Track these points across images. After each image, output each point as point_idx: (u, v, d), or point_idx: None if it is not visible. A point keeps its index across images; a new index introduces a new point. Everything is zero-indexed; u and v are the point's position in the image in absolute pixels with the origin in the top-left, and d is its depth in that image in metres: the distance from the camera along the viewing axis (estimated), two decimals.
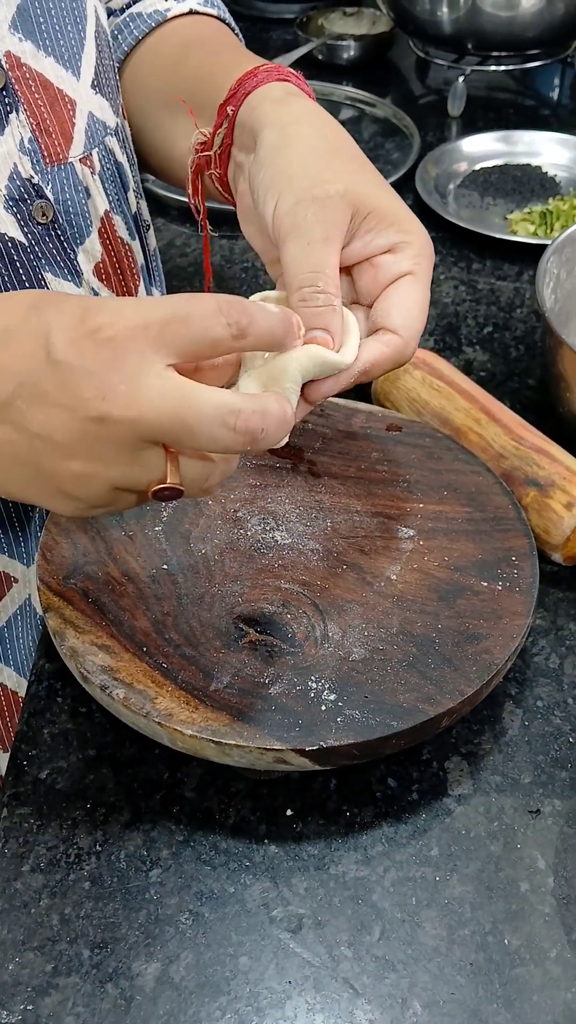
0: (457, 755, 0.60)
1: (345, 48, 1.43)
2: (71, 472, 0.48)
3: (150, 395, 0.46)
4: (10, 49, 0.61)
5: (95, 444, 0.47)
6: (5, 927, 0.52)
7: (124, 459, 0.48)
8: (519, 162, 1.19)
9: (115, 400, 0.46)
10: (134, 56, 0.77)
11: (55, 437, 0.47)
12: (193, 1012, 0.49)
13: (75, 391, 0.46)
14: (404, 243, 0.59)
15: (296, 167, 0.58)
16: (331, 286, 0.56)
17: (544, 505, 0.68)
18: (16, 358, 0.47)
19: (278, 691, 0.55)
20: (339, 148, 0.61)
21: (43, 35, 0.63)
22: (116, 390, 0.45)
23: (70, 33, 0.65)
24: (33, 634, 0.73)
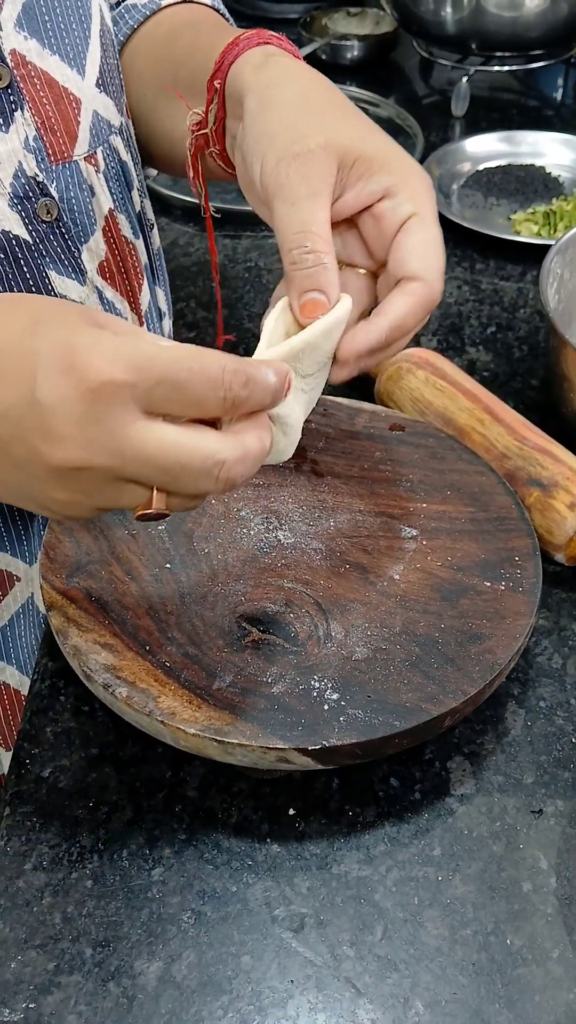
0: (460, 755, 0.60)
1: (349, 48, 1.43)
2: (55, 499, 0.48)
3: (133, 447, 0.45)
4: (15, 47, 0.61)
5: (76, 483, 0.47)
6: (7, 925, 0.52)
7: (108, 492, 0.48)
8: (523, 162, 1.19)
9: (94, 450, 0.45)
10: (129, 46, 0.77)
11: (36, 472, 0.47)
12: (195, 1011, 0.49)
13: (54, 437, 0.45)
14: (398, 184, 0.57)
15: (276, 127, 0.58)
16: (320, 243, 0.55)
17: (547, 505, 0.68)
18: (3, 388, 0.47)
19: (281, 690, 0.55)
20: (320, 100, 0.60)
21: (48, 33, 0.63)
22: (95, 441, 0.45)
23: (75, 32, 0.65)
24: (36, 632, 0.73)
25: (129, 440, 0.45)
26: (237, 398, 0.46)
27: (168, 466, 0.46)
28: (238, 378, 0.46)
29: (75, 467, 0.46)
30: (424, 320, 0.58)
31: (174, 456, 0.46)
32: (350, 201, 0.57)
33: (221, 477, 0.47)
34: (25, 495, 0.50)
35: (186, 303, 0.98)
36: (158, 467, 0.46)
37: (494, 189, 1.15)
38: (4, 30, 0.60)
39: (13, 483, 0.50)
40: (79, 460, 0.45)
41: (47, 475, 0.47)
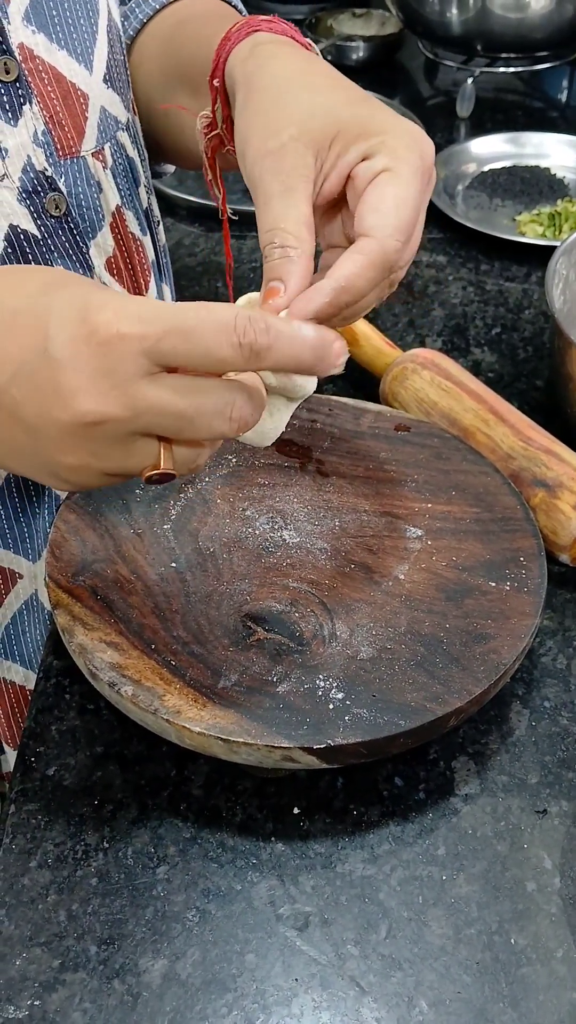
0: (464, 755, 0.60)
1: (354, 49, 1.43)
2: (64, 464, 0.48)
3: (146, 396, 0.45)
4: (23, 41, 0.61)
5: (86, 442, 0.47)
6: (12, 923, 0.52)
7: (116, 452, 0.48)
8: (527, 164, 1.20)
9: (107, 403, 0.45)
10: (138, 40, 0.77)
11: (47, 431, 0.47)
12: (199, 1009, 0.49)
13: (67, 391, 0.45)
14: (376, 145, 0.54)
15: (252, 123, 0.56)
16: (288, 238, 0.52)
17: (552, 506, 0.68)
18: (16, 346, 0.47)
19: (286, 689, 0.55)
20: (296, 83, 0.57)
21: (56, 28, 0.63)
22: (108, 394, 0.45)
23: (83, 27, 0.65)
24: (40, 629, 0.73)
25: (142, 390, 0.45)
26: (255, 344, 0.45)
27: (182, 410, 0.46)
28: (255, 324, 0.45)
29: (88, 422, 0.46)
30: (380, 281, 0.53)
31: (188, 399, 0.46)
32: (334, 180, 0.55)
33: (235, 416, 0.47)
34: (35, 463, 0.50)
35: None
36: (172, 413, 0.46)
37: (499, 190, 1.15)
38: (12, 24, 0.60)
39: (24, 449, 0.49)
40: (93, 413, 0.45)
41: (59, 435, 0.47)
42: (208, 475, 0.68)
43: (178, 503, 0.66)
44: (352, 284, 0.52)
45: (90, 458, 0.48)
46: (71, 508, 0.65)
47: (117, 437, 0.47)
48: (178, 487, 0.67)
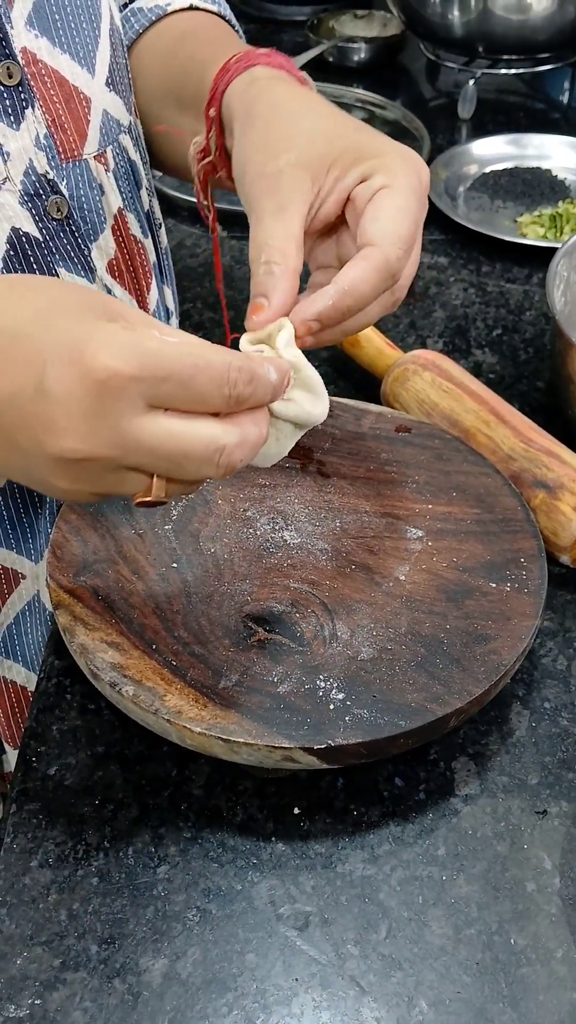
0: (464, 755, 0.60)
1: (356, 50, 1.43)
2: (56, 486, 0.49)
3: (136, 439, 0.46)
4: (26, 45, 0.61)
5: (77, 473, 0.48)
6: (13, 922, 0.53)
7: (107, 482, 0.48)
8: (529, 165, 1.20)
9: (97, 443, 0.46)
10: (134, 49, 0.78)
11: (38, 460, 0.48)
12: (200, 1008, 0.49)
13: (57, 428, 0.46)
14: (373, 167, 0.57)
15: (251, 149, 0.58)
16: (275, 254, 0.55)
17: (553, 507, 0.69)
18: (11, 374, 0.47)
19: (286, 690, 0.56)
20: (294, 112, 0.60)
21: (59, 32, 0.63)
22: (97, 435, 0.46)
23: (85, 31, 0.65)
24: (42, 630, 0.73)
25: (132, 432, 0.46)
26: (241, 395, 0.47)
27: (170, 454, 0.47)
28: (243, 376, 0.47)
29: (76, 459, 0.46)
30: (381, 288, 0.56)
31: (176, 445, 0.46)
32: (332, 204, 0.57)
33: (221, 463, 0.48)
34: (29, 478, 0.51)
35: (192, 304, 0.98)
36: (160, 456, 0.47)
37: (500, 192, 1.15)
38: (15, 28, 0.60)
39: (18, 466, 0.50)
40: (81, 452, 0.46)
41: (49, 464, 0.48)
42: None
43: (179, 504, 0.66)
44: (355, 288, 0.54)
45: (80, 484, 0.49)
46: (72, 508, 0.65)
47: (107, 470, 0.48)
48: None
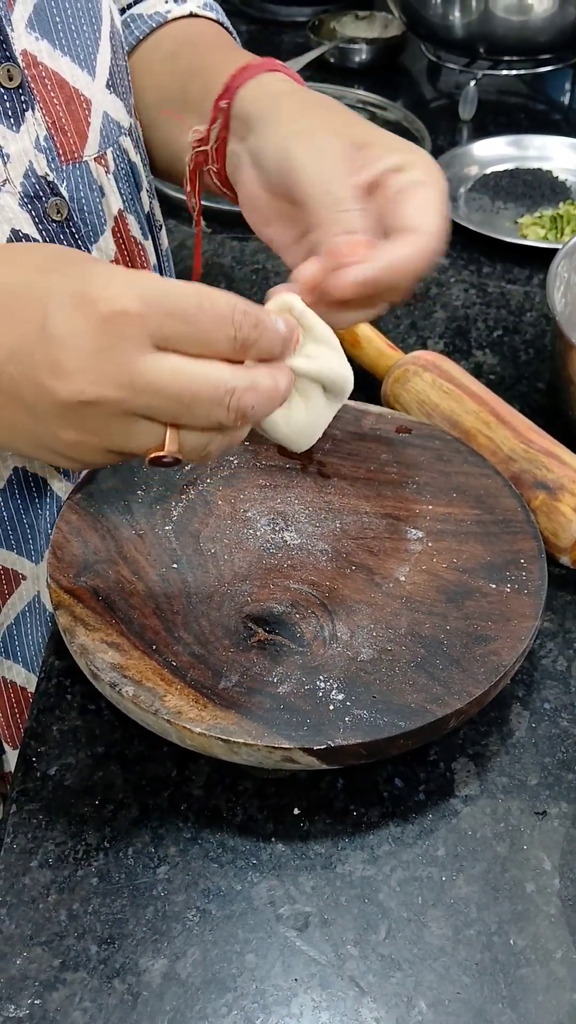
0: (464, 756, 0.60)
1: (357, 51, 1.43)
2: (65, 440, 0.48)
3: (144, 377, 0.45)
4: (27, 48, 0.61)
5: (86, 420, 0.47)
6: (13, 922, 0.53)
7: (117, 432, 0.47)
8: (530, 166, 1.20)
9: (105, 382, 0.45)
10: (133, 56, 0.78)
11: (46, 410, 0.47)
12: (199, 1008, 0.50)
13: (64, 370, 0.45)
14: (410, 162, 0.59)
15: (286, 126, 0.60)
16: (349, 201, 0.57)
17: (553, 508, 0.69)
18: (14, 325, 0.47)
19: (286, 690, 0.56)
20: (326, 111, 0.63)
21: (59, 34, 0.63)
22: (106, 373, 0.45)
23: (85, 33, 0.65)
24: (43, 631, 0.73)
25: (140, 370, 0.45)
26: (247, 339, 0.47)
27: (179, 394, 0.46)
28: (248, 319, 0.46)
29: (85, 400, 0.45)
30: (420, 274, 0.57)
31: (185, 383, 0.46)
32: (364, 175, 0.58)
33: (232, 405, 0.47)
34: (36, 441, 0.50)
35: None
36: (169, 396, 0.46)
37: (501, 193, 1.15)
38: (16, 31, 0.60)
39: (24, 428, 0.49)
40: (89, 393, 0.45)
41: (56, 413, 0.47)
42: (209, 477, 0.68)
43: (179, 504, 0.66)
44: (399, 265, 0.56)
45: (89, 435, 0.47)
46: (73, 509, 0.65)
47: (116, 416, 0.46)
48: (179, 488, 0.67)
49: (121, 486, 0.67)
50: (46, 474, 0.69)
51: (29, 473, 0.68)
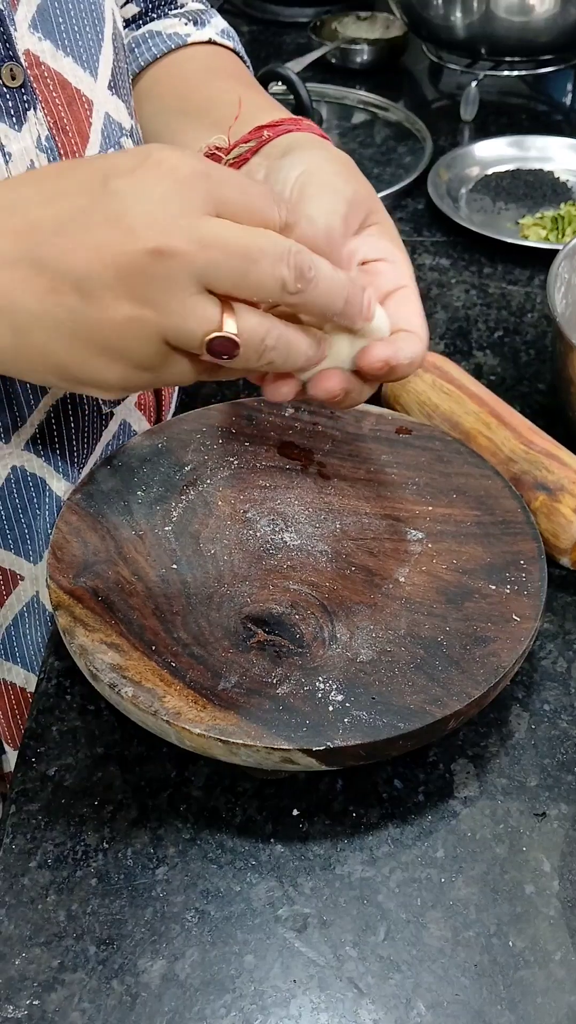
0: (464, 757, 0.60)
1: (358, 52, 1.43)
2: (118, 318, 0.46)
3: (211, 229, 0.45)
4: (29, 47, 0.61)
5: (147, 283, 0.45)
6: (12, 922, 0.53)
7: (176, 303, 0.46)
8: (531, 167, 1.20)
9: (173, 233, 0.45)
10: (150, 70, 0.79)
11: (102, 278, 0.45)
12: (198, 1009, 0.50)
13: (131, 220, 0.45)
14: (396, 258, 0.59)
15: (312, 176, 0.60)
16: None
17: (553, 509, 0.69)
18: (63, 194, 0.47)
19: (286, 691, 0.56)
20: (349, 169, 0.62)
21: (62, 35, 0.63)
22: (175, 223, 0.45)
23: (88, 34, 0.65)
24: (42, 631, 0.73)
25: (207, 222, 0.45)
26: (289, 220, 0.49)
27: (246, 248, 0.46)
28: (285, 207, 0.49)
29: (152, 249, 0.44)
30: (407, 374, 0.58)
31: (251, 239, 0.46)
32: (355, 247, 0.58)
33: (291, 263, 0.47)
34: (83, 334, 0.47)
35: None
36: (235, 251, 0.45)
37: (502, 193, 1.15)
38: (19, 31, 0.60)
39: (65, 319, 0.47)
40: (157, 241, 0.44)
41: (114, 279, 0.45)
42: (209, 477, 0.68)
43: (179, 505, 0.66)
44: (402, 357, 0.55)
45: (146, 309, 0.46)
46: (73, 509, 0.65)
47: (179, 280, 0.45)
48: (179, 489, 0.67)
49: (121, 487, 0.67)
50: (44, 474, 0.69)
51: (28, 473, 0.68)
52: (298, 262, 0.47)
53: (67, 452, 0.69)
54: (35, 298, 0.47)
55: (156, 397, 0.79)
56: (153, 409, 0.79)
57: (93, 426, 0.71)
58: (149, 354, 0.47)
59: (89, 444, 0.71)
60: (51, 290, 0.46)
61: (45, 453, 0.68)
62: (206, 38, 0.79)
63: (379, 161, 1.22)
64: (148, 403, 0.78)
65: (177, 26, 0.80)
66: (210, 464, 0.69)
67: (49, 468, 0.69)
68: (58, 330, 0.47)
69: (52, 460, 0.68)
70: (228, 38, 0.81)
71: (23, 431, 0.66)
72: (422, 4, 1.27)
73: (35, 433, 0.67)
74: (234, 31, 0.84)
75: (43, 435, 0.67)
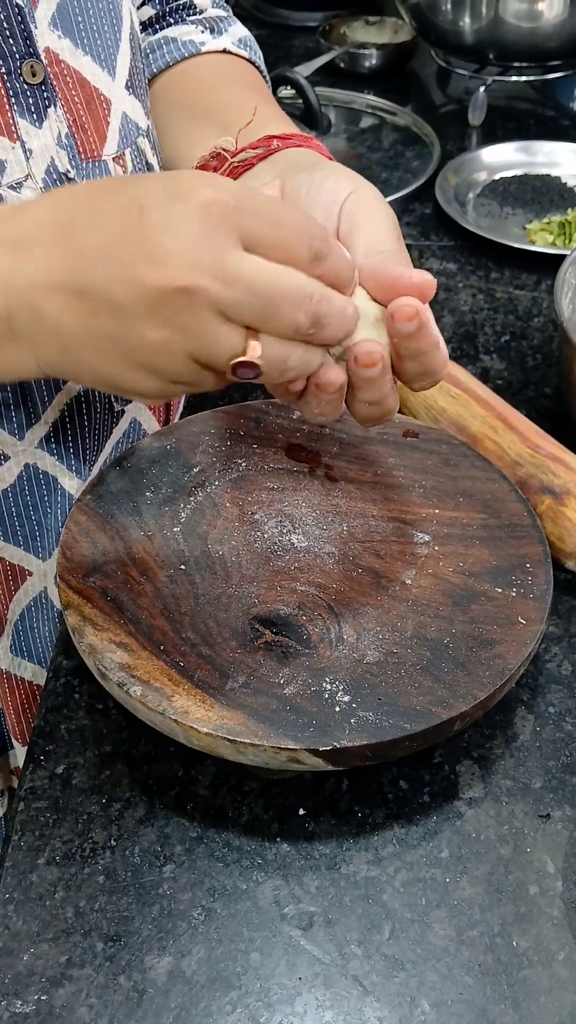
0: (469, 759, 0.60)
1: (367, 56, 1.44)
2: (153, 341, 0.49)
3: (237, 270, 0.47)
4: (49, 45, 0.62)
5: (176, 314, 0.47)
6: (21, 919, 0.53)
7: (203, 332, 0.48)
8: (538, 172, 1.20)
9: (200, 270, 0.46)
10: (164, 74, 0.79)
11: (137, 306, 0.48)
12: (204, 1006, 0.50)
13: (161, 254, 0.47)
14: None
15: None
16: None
17: (559, 513, 0.69)
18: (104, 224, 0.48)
19: (293, 691, 0.56)
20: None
21: (81, 34, 0.64)
22: (202, 260, 0.46)
23: (106, 34, 0.66)
24: (50, 627, 0.74)
25: (232, 262, 0.47)
26: (320, 252, 0.49)
27: (269, 291, 0.47)
28: (320, 231, 0.50)
29: (180, 286, 0.46)
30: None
31: (272, 280, 0.48)
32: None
33: (310, 310, 0.48)
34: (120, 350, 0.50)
35: None
36: (258, 292, 0.47)
37: (510, 199, 1.16)
38: (39, 28, 0.61)
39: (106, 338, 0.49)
40: (185, 279, 0.46)
41: (147, 307, 0.47)
42: (218, 479, 0.69)
43: (188, 506, 0.67)
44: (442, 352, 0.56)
45: (176, 335, 0.48)
46: (82, 510, 0.66)
47: (204, 311, 0.47)
48: (188, 490, 0.68)
49: (130, 488, 0.68)
50: (56, 472, 0.69)
51: (40, 471, 0.68)
52: (316, 310, 0.49)
53: (78, 449, 0.70)
54: (79, 322, 0.49)
55: None
56: (162, 408, 0.79)
57: (104, 424, 0.71)
58: (182, 372, 0.50)
59: (100, 441, 0.72)
60: (92, 314, 0.49)
61: (57, 451, 0.68)
62: (221, 47, 0.80)
63: (387, 165, 1.23)
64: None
65: (193, 33, 0.80)
66: (218, 466, 0.70)
67: (61, 466, 0.69)
68: (100, 349, 0.50)
69: (64, 458, 0.69)
70: (245, 47, 0.82)
71: (37, 428, 0.66)
72: (431, 9, 1.27)
73: (48, 431, 0.67)
74: (254, 40, 0.84)
75: (56, 433, 0.68)
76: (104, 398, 0.70)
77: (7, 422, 0.65)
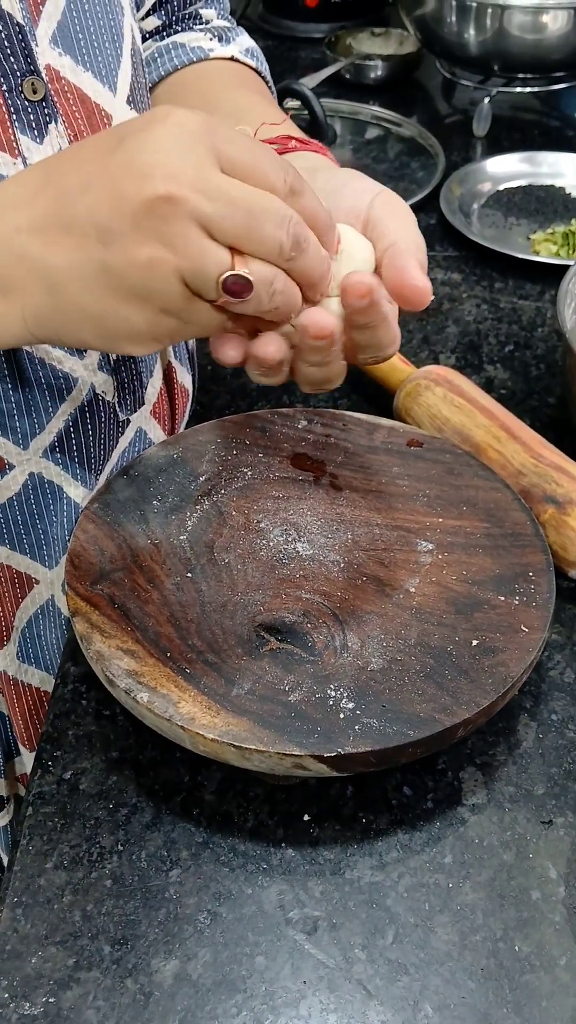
0: (472, 765, 0.61)
1: (372, 68, 1.45)
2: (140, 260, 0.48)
3: (218, 184, 0.48)
4: (50, 62, 0.63)
5: (161, 226, 0.48)
6: (29, 922, 0.54)
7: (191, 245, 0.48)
8: (543, 183, 1.21)
9: (181, 180, 0.47)
10: (170, 79, 0.80)
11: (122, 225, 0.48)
12: (210, 1009, 0.51)
13: (143, 170, 0.47)
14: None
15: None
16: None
17: (562, 522, 0.70)
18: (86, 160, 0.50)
19: (297, 698, 0.57)
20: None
21: (82, 50, 0.65)
22: (184, 172, 0.47)
23: (107, 50, 0.67)
24: (57, 634, 0.74)
25: (214, 177, 0.48)
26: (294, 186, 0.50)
27: (250, 205, 0.48)
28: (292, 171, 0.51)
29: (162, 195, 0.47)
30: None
31: (255, 196, 0.48)
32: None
33: (291, 230, 0.49)
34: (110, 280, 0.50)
35: None
36: (240, 206, 0.48)
37: (514, 209, 1.16)
38: (40, 46, 0.62)
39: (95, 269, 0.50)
40: (167, 187, 0.47)
41: (132, 225, 0.48)
42: (224, 488, 0.70)
43: (194, 515, 0.68)
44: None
45: (164, 250, 0.48)
46: (90, 518, 0.66)
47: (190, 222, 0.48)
48: (194, 499, 0.69)
49: (137, 496, 0.68)
50: (61, 481, 0.70)
51: (44, 480, 0.69)
52: (296, 231, 0.50)
53: (84, 459, 0.70)
54: (64, 256, 0.50)
55: (170, 405, 0.81)
56: (168, 417, 0.80)
57: (110, 433, 0.72)
58: (172, 296, 0.50)
59: (106, 451, 0.72)
60: (78, 246, 0.49)
61: (63, 460, 0.69)
62: (228, 55, 0.81)
63: (392, 176, 1.24)
64: (163, 411, 0.79)
65: (201, 40, 0.81)
66: (224, 475, 0.71)
67: (66, 475, 0.70)
68: (87, 281, 0.50)
69: (69, 467, 0.70)
70: (252, 57, 0.83)
71: (41, 438, 0.67)
72: (436, 21, 1.28)
73: (53, 440, 0.68)
74: (260, 51, 0.85)
75: (61, 442, 0.68)
76: (109, 407, 0.71)
77: (11, 432, 0.66)
